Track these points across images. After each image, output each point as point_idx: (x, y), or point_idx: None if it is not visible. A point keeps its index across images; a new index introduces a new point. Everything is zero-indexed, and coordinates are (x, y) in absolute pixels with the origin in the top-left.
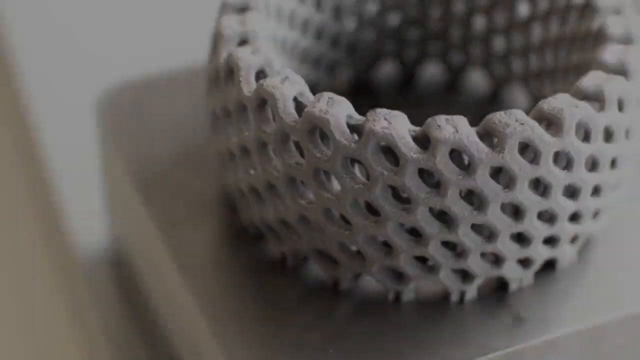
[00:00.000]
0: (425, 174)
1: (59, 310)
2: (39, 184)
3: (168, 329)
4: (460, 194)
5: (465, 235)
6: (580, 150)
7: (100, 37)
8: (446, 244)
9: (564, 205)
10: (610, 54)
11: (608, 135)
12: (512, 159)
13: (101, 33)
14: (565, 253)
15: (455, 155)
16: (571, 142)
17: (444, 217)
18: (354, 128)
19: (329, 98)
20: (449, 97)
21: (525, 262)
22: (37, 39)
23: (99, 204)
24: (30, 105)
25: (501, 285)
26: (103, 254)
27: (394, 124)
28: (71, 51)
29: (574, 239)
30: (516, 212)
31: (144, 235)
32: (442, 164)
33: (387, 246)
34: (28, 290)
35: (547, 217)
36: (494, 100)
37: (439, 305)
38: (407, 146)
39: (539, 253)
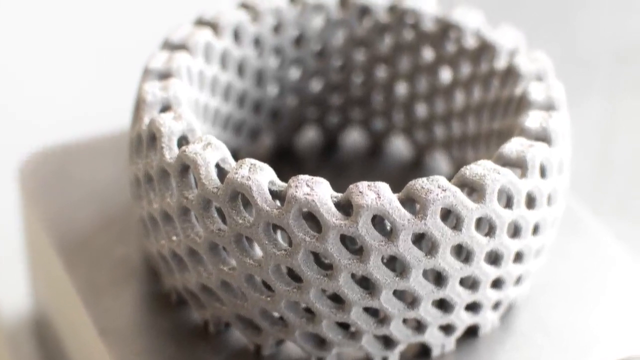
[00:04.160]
0: (347, 240)
1: None
2: None
3: None
4: (382, 260)
5: (387, 302)
6: (503, 217)
7: (23, 103)
8: (368, 310)
9: (486, 272)
10: (532, 120)
11: (530, 202)
12: (434, 226)
13: (24, 98)
14: (487, 319)
15: (378, 221)
16: (493, 208)
17: (366, 283)
18: (276, 194)
19: (251, 164)
20: (372, 163)
21: (447, 328)
22: None
23: (22, 269)
24: None
25: (423, 352)
26: (25, 318)
27: (316, 190)
28: None
29: (496, 305)
30: (438, 278)
31: (66, 300)
32: (364, 230)
33: (309, 312)
34: None
35: (470, 283)
36: (417, 167)
37: None
38: (329, 212)
39: (461, 319)
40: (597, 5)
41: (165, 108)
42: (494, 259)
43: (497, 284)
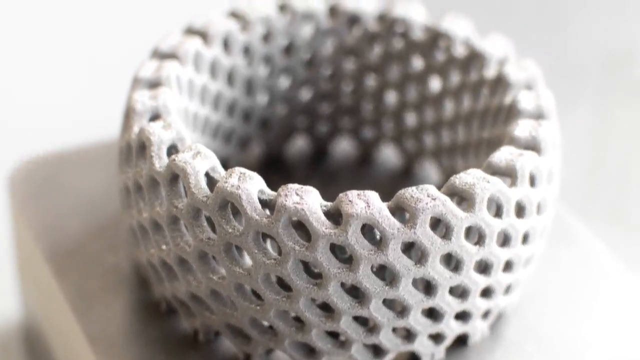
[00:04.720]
0: (337, 249)
1: None
2: None
3: None
4: (372, 269)
5: (376, 311)
6: (492, 226)
7: (13, 111)
8: (358, 319)
9: (475, 281)
10: (521, 128)
11: (520, 210)
12: (424, 234)
13: (14, 106)
14: (477, 328)
15: (367, 230)
16: (483, 217)
17: (355, 292)
18: (265, 203)
19: (240, 173)
20: (361, 172)
21: (437, 337)
22: None
23: (12, 277)
24: None
25: None
26: (15, 326)
27: (305, 199)
28: None
29: (485, 314)
30: (428, 287)
31: (56, 309)
32: (354, 239)
33: (298, 321)
34: None
35: (459, 292)
36: (406, 175)
37: None
38: (319, 221)
39: (451, 328)
40: (587, 12)
41: (155, 117)
42: (483, 267)
43: (486, 292)
